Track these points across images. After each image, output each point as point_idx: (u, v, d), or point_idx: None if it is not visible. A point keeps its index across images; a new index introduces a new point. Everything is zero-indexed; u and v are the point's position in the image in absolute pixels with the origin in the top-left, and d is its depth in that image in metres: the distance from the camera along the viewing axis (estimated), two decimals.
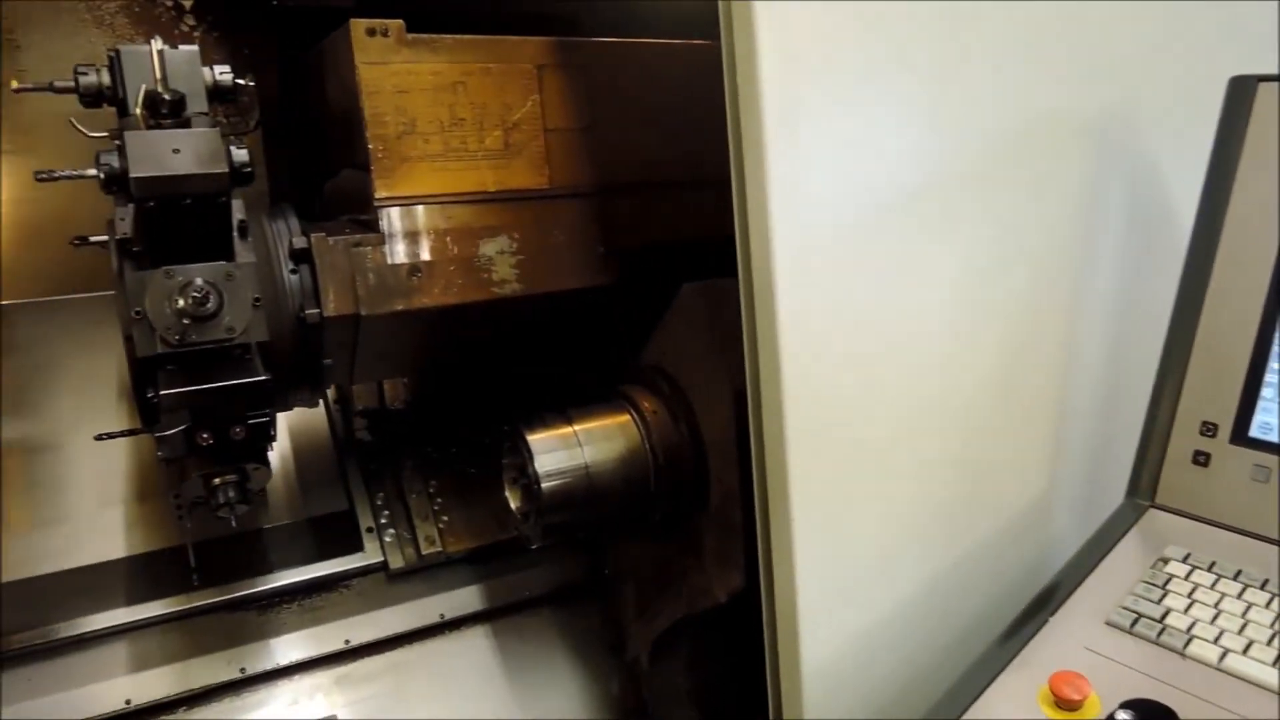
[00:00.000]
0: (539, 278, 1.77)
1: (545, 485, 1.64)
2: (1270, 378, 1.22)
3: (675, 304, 1.75)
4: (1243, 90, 1.22)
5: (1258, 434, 1.24)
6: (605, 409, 1.78)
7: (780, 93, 1.02)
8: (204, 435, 1.43)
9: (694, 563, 1.75)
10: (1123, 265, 1.56)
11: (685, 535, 1.79)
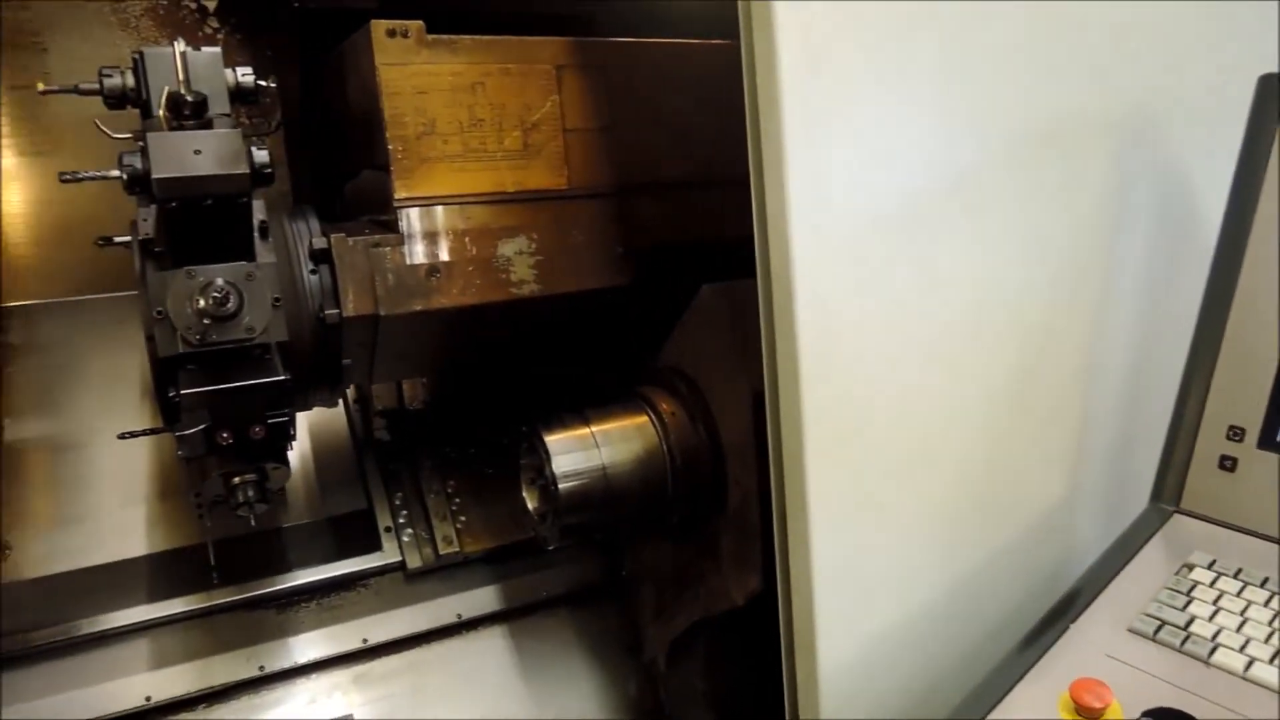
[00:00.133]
0: (557, 278, 1.77)
1: (562, 486, 1.64)
2: None
3: (694, 305, 1.74)
4: (1272, 88, 1.20)
5: None
6: (623, 410, 1.78)
7: (800, 93, 1.01)
8: (224, 434, 1.44)
9: (711, 565, 1.75)
10: (1148, 266, 1.54)
11: (703, 537, 1.79)
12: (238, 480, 1.56)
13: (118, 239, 1.57)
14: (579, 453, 1.68)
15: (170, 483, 2.14)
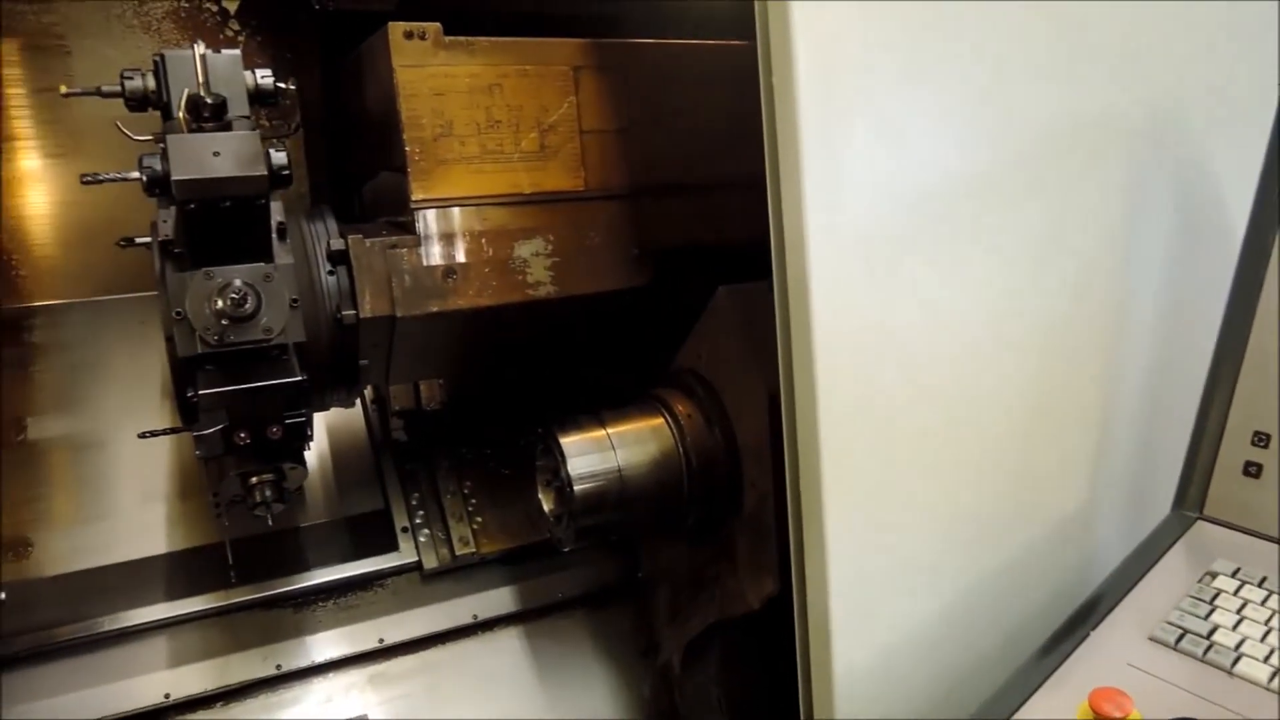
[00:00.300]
0: (574, 280, 1.77)
1: (577, 488, 1.64)
2: None
3: (710, 307, 1.74)
4: None
5: None
6: (639, 412, 1.78)
7: (816, 93, 1.00)
8: (241, 434, 1.45)
9: (727, 567, 1.74)
10: (1172, 269, 1.52)
11: (718, 539, 1.78)
12: (255, 480, 1.57)
13: (139, 240, 1.58)
14: (594, 455, 1.68)
15: (190, 482, 2.15)
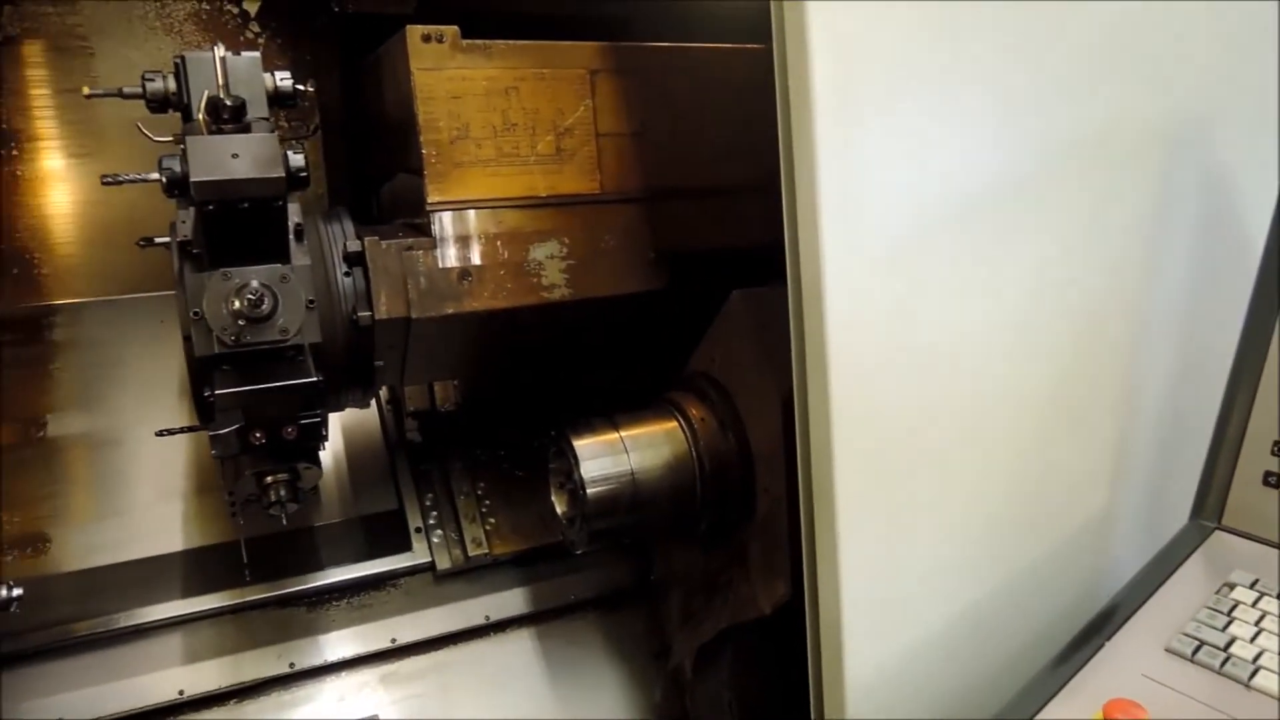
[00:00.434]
0: (589, 282, 1.77)
1: (590, 491, 1.64)
2: None
3: (724, 310, 1.74)
4: None
5: None
6: (652, 415, 1.78)
7: (832, 95, 1.00)
8: (257, 434, 1.46)
9: (739, 572, 1.74)
10: (1192, 276, 1.50)
11: (731, 544, 1.78)
12: (270, 480, 1.58)
13: (158, 239, 1.59)
14: (608, 458, 1.68)
15: (206, 479, 2.17)
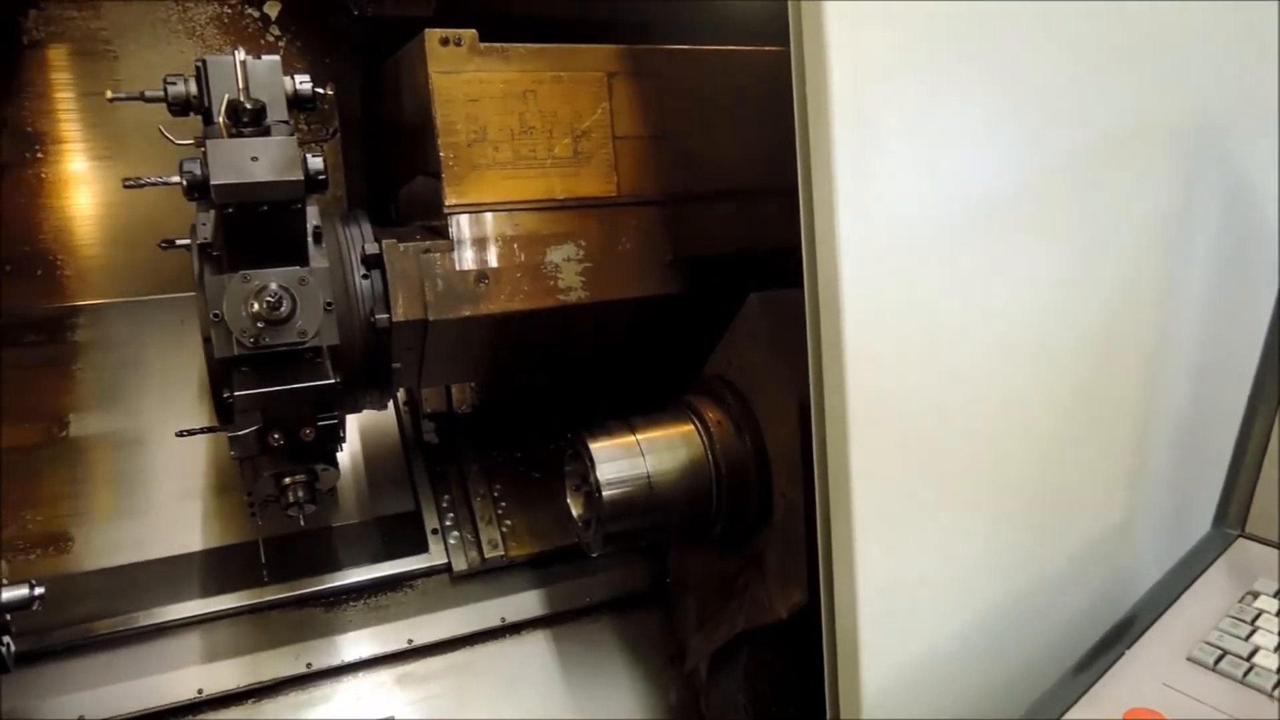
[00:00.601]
0: (605, 285, 1.78)
1: (606, 494, 1.64)
2: None
3: (741, 314, 1.73)
4: None
5: None
6: (669, 418, 1.77)
7: (850, 97, 1.00)
8: (275, 436, 1.47)
9: (755, 576, 1.73)
10: (1215, 280, 1.48)
11: (747, 548, 1.77)
12: (288, 481, 1.60)
13: (179, 242, 1.61)
14: (624, 461, 1.68)
15: (226, 479, 2.19)
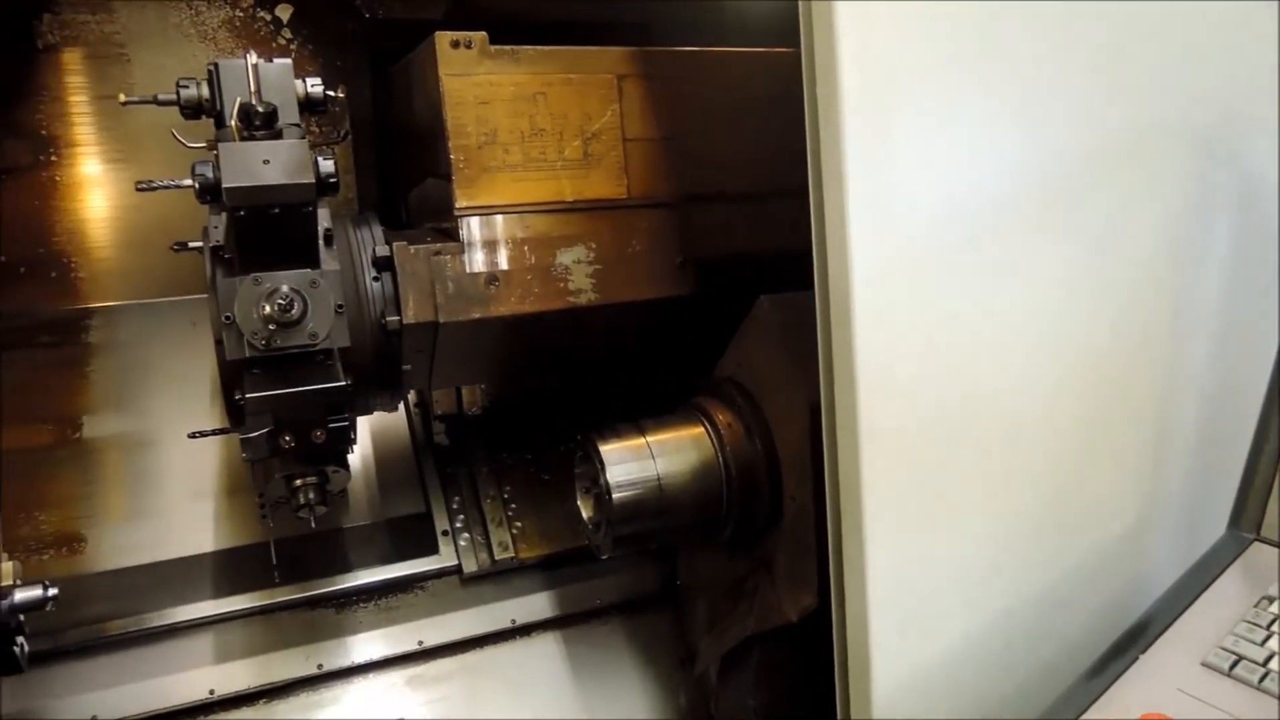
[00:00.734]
0: (615, 287, 1.78)
1: (616, 496, 1.64)
2: None
3: (751, 316, 1.73)
4: None
5: None
6: (679, 421, 1.77)
7: (861, 98, 0.99)
8: (286, 438, 1.47)
9: (766, 579, 1.73)
10: (1230, 282, 1.47)
11: (758, 551, 1.77)
12: (299, 483, 1.60)
13: (191, 244, 1.62)
14: (634, 463, 1.68)
15: (238, 481, 2.19)
